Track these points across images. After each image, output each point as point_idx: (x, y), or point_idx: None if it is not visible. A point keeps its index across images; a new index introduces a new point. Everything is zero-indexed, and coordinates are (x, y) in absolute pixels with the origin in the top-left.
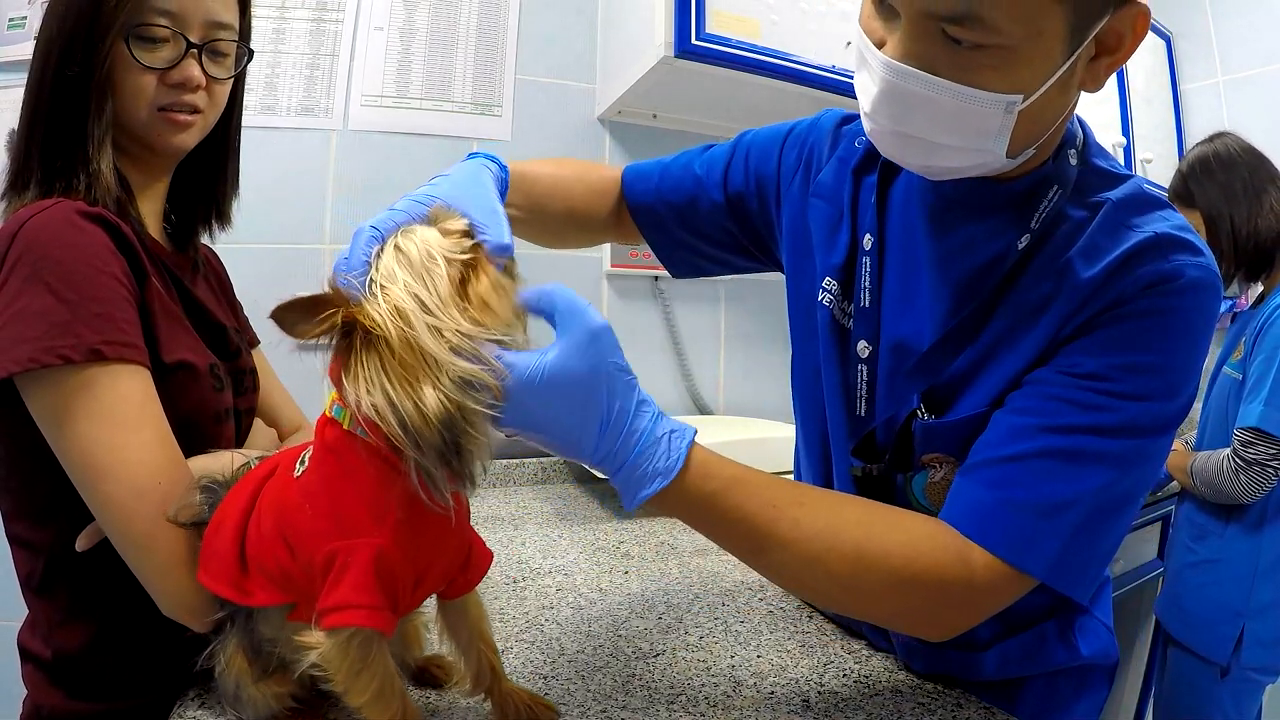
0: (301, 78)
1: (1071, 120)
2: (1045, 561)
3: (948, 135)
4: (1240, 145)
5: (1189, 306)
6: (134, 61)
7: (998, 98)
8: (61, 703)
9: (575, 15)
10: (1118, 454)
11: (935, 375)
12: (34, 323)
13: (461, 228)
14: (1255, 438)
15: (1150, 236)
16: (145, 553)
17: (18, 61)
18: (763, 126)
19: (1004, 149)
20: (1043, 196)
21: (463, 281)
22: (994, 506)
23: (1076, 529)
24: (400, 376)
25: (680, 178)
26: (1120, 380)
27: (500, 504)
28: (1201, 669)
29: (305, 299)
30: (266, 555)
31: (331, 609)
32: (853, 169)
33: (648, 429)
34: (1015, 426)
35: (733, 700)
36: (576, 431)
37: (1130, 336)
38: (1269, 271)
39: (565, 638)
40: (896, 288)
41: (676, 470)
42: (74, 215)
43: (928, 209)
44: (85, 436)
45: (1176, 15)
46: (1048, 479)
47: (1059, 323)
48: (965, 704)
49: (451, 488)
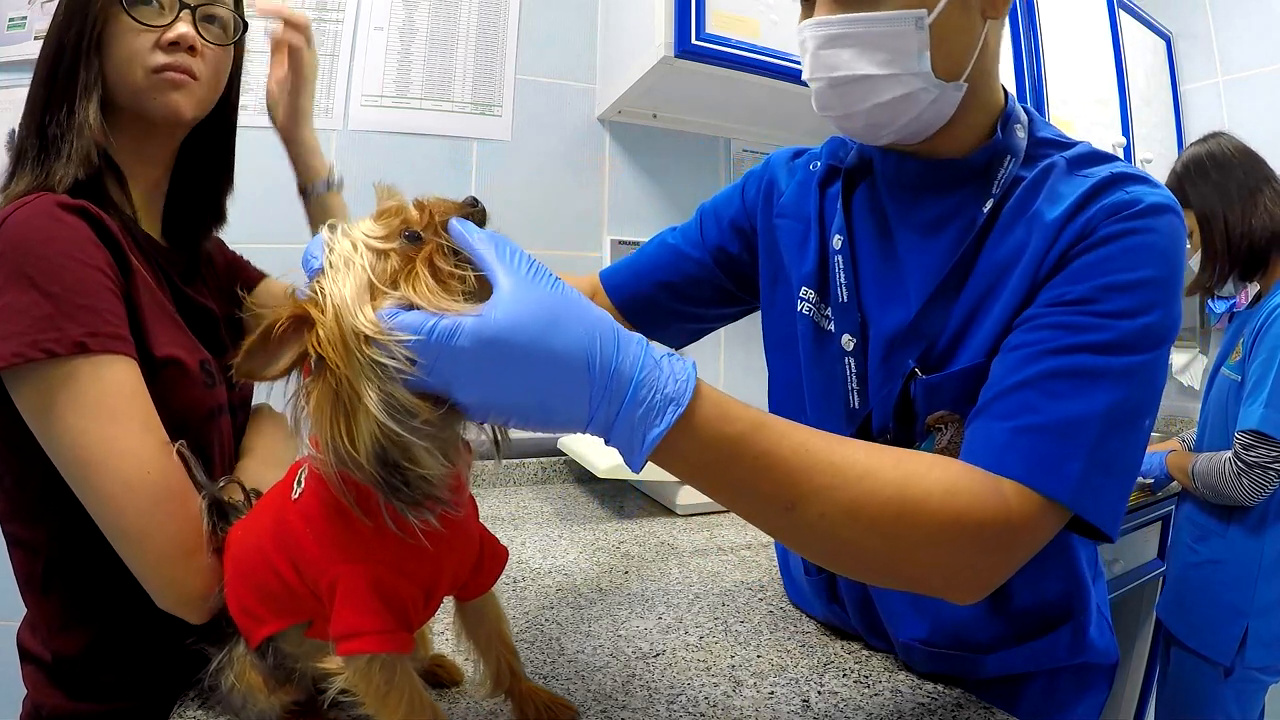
0: None
1: (1013, 101)
2: (1070, 484)
3: (875, 64)
4: (1234, 145)
5: (1153, 227)
6: (129, 22)
7: (904, 14)
8: (61, 703)
9: (575, 15)
10: (1119, 370)
11: (925, 339)
12: (17, 318)
13: (396, 204)
14: (1256, 440)
15: (1107, 174)
16: (138, 545)
17: (18, 61)
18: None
19: (929, 67)
20: (999, 165)
21: (404, 267)
22: (1010, 436)
23: (1094, 448)
24: (335, 405)
25: (657, 255)
26: (1105, 300)
27: (500, 504)
28: (1204, 669)
29: (279, 323)
30: (271, 579)
31: (344, 636)
32: (816, 184)
33: (640, 354)
34: (1015, 360)
35: (733, 700)
36: (551, 383)
37: (1105, 260)
38: (1264, 271)
39: (565, 638)
40: (874, 280)
41: (689, 394)
42: (54, 208)
43: (895, 199)
44: (73, 430)
45: (1176, 15)
46: (1057, 400)
47: (1035, 264)
48: (965, 704)
49: (419, 514)
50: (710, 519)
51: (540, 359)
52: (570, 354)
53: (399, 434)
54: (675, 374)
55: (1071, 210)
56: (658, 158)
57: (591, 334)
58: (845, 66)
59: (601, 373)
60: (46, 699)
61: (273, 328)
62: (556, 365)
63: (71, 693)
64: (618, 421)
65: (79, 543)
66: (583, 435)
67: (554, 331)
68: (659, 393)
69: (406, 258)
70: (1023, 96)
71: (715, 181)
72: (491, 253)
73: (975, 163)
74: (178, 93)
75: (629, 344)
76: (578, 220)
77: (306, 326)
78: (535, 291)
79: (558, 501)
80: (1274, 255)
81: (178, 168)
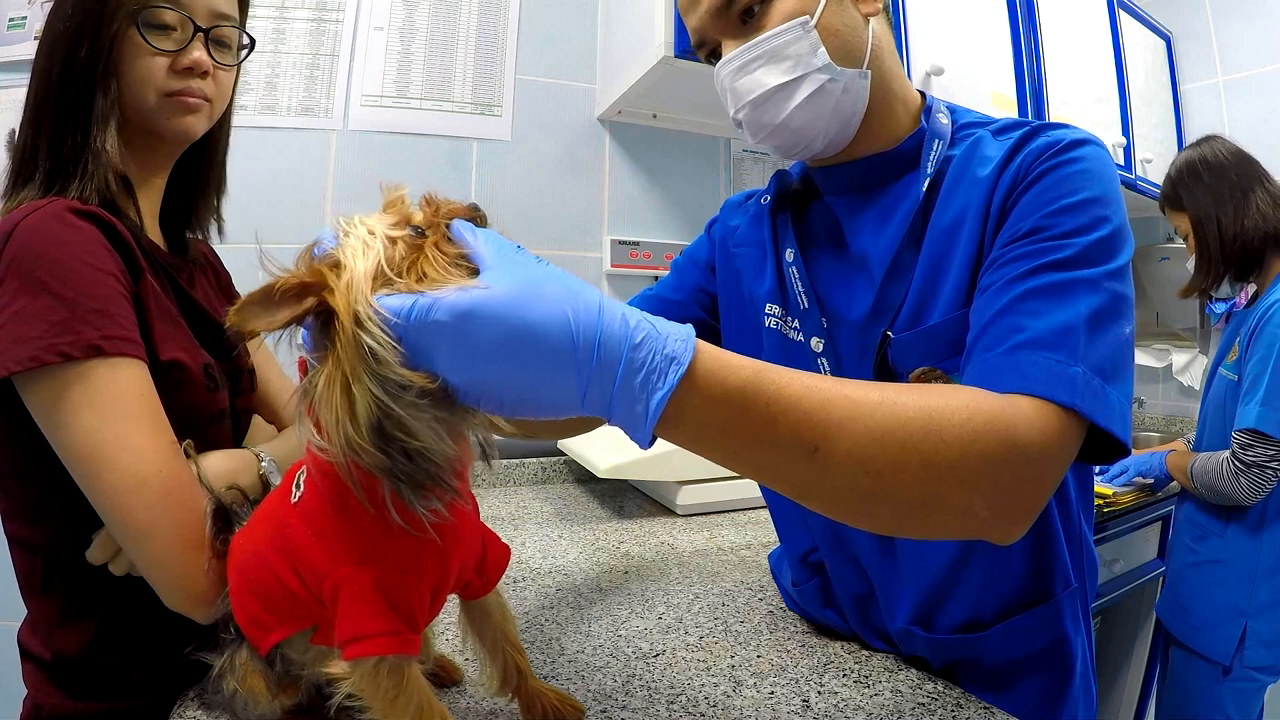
0: (301, 78)
1: (932, 97)
2: (1075, 388)
3: (782, 72)
4: (1227, 148)
5: (1081, 156)
6: (143, 45)
7: (790, 24)
8: (61, 702)
9: (575, 15)
10: (1087, 280)
11: (890, 311)
12: (33, 322)
13: (401, 195)
14: (1254, 439)
15: (1026, 128)
16: (147, 542)
17: (18, 61)
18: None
19: (827, 59)
20: (928, 148)
21: (409, 255)
22: (1004, 357)
23: (1086, 353)
24: (339, 381)
25: (643, 307)
26: (1056, 225)
27: (500, 504)
28: (1204, 669)
29: (285, 283)
30: (274, 585)
31: (350, 640)
32: (768, 213)
33: (632, 319)
34: (988, 297)
35: (733, 700)
36: (532, 354)
37: (1044, 191)
38: (1259, 271)
39: (565, 638)
40: (834, 281)
41: (690, 351)
42: (67, 213)
43: (840, 205)
44: (86, 429)
45: (1176, 15)
46: (1039, 317)
47: (981, 218)
48: (965, 704)
49: (425, 502)
50: (710, 519)
51: (518, 329)
52: (548, 322)
53: (392, 408)
54: (674, 334)
55: (1002, 163)
56: (657, 158)
57: (573, 301)
58: (759, 85)
59: (585, 341)
60: (46, 698)
61: (279, 285)
62: (534, 335)
63: (71, 692)
64: (616, 391)
65: (80, 543)
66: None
67: (530, 301)
68: (658, 354)
69: (414, 246)
70: (1023, 96)
71: (715, 181)
72: (492, 249)
73: (905, 150)
74: (191, 115)
75: (615, 310)
76: (577, 220)
77: (312, 293)
78: (515, 268)
79: (558, 501)
80: (1269, 255)
81: (174, 174)
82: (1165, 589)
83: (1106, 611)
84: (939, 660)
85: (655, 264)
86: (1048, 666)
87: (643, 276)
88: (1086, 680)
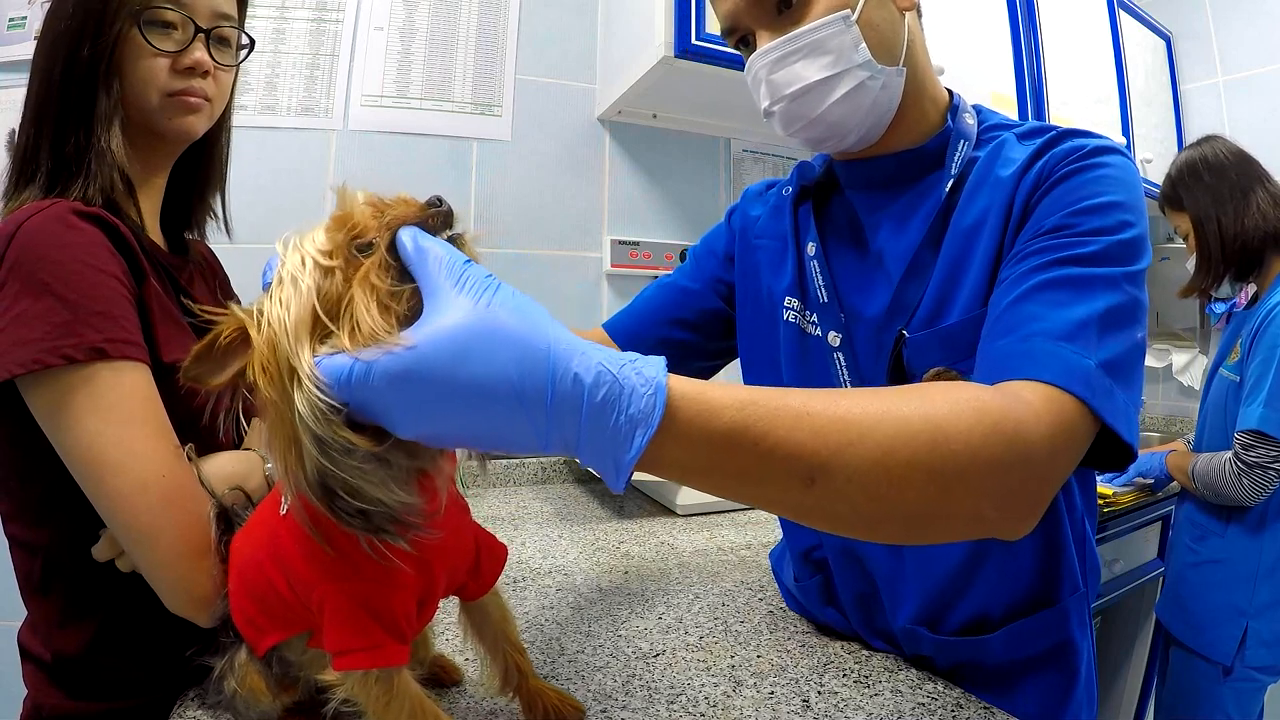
0: (301, 78)
1: (958, 96)
2: (1084, 378)
3: (823, 68)
4: (1227, 148)
5: (1106, 163)
6: (145, 45)
7: (833, 18)
8: (61, 703)
9: (575, 15)
10: (1107, 278)
11: (908, 310)
12: (36, 324)
13: (345, 212)
14: (1256, 440)
15: (1053, 133)
16: (149, 546)
17: (18, 61)
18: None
19: (868, 55)
20: (954, 149)
21: (347, 289)
22: (1018, 343)
23: (1099, 347)
24: (284, 436)
25: (661, 296)
26: (1080, 223)
27: (500, 504)
28: (1204, 670)
29: (227, 334)
30: (269, 591)
31: (338, 653)
32: (789, 205)
33: (592, 370)
34: (1007, 287)
35: (733, 700)
36: (480, 412)
37: (1070, 190)
38: (1259, 271)
39: (565, 638)
40: (853, 276)
41: (659, 410)
42: (70, 215)
43: (863, 200)
44: (90, 432)
45: (1176, 15)
46: (1057, 307)
47: (1002, 219)
48: (965, 704)
49: (382, 539)
50: (710, 519)
51: (458, 390)
52: (488, 383)
53: (334, 471)
54: (639, 388)
55: (1025, 164)
56: (658, 158)
57: (519, 358)
58: (799, 79)
59: (534, 401)
60: (46, 698)
61: (218, 338)
62: (476, 395)
63: (71, 692)
64: (581, 450)
65: (81, 544)
66: None
67: (466, 360)
68: (623, 414)
69: (352, 273)
70: (1023, 96)
71: (715, 181)
72: (435, 270)
73: (931, 148)
74: (192, 115)
75: (570, 361)
76: (577, 220)
77: (249, 343)
78: (456, 316)
79: (558, 501)
80: (1269, 255)
81: (173, 174)
82: (1165, 589)
83: (1106, 611)
84: (945, 661)
85: (655, 264)
86: (1054, 669)
87: (643, 276)
88: (1090, 683)
